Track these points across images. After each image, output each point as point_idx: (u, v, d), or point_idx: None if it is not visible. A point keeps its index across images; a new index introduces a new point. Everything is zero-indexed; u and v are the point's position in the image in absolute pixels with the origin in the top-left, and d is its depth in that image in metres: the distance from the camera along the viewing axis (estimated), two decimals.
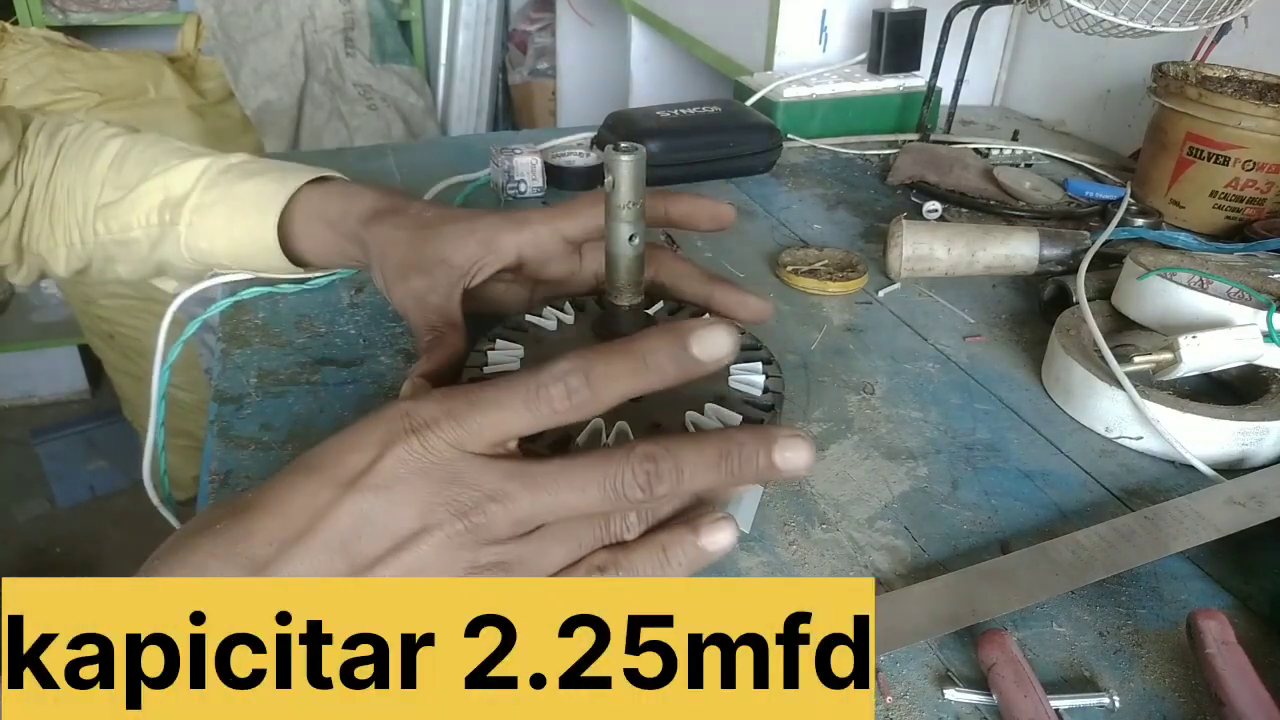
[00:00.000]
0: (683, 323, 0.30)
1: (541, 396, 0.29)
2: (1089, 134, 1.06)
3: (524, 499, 0.29)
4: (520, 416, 0.29)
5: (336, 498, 0.28)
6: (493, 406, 0.29)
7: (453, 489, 0.28)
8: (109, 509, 2.06)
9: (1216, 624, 0.36)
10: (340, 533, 0.28)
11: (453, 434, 0.29)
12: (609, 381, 0.29)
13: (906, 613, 0.37)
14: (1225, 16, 0.75)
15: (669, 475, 0.29)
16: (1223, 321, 0.50)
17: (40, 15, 2.00)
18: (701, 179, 0.85)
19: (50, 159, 0.59)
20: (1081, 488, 0.47)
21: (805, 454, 0.30)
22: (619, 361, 0.29)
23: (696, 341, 0.29)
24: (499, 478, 0.29)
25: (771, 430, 0.30)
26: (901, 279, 0.67)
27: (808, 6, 1.05)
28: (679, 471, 0.29)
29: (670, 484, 0.29)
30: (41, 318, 2.30)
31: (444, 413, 0.29)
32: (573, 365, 0.29)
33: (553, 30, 2.17)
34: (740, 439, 0.30)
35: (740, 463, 0.30)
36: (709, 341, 0.29)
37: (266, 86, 2.12)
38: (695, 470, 0.30)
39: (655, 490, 0.29)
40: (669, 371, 0.29)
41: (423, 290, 0.48)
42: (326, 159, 0.90)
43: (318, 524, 0.28)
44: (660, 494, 0.29)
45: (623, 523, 0.31)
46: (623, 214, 0.41)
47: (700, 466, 0.30)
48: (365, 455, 0.29)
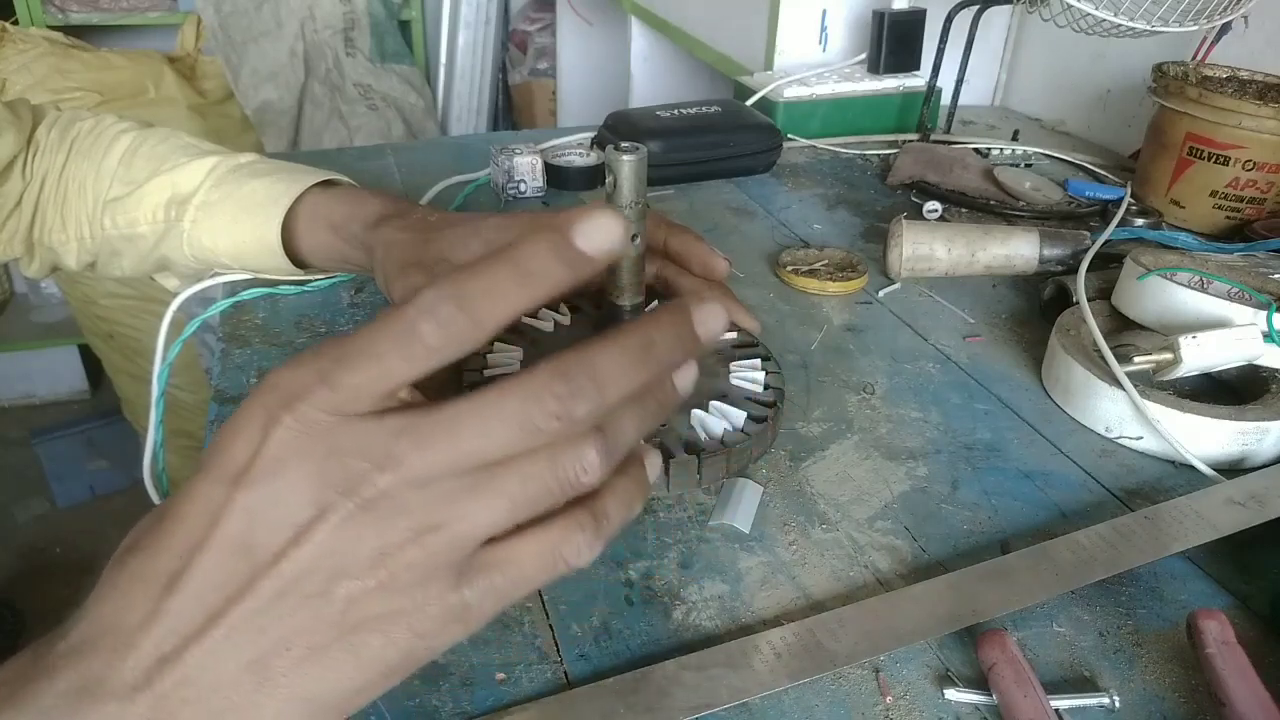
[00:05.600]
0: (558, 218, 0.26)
1: (413, 334, 0.25)
2: (1089, 134, 1.06)
3: (415, 458, 0.25)
4: (395, 363, 0.25)
5: (226, 496, 0.26)
6: (363, 358, 0.26)
7: (337, 464, 0.25)
8: (109, 509, 2.06)
9: (1216, 624, 0.36)
10: (234, 533, 0.26)
11: (327, 399, 0.25)
12: (487, 300, 0.25)
13: (906, 613, 0.37)
14: (1225, 16, 0.75)
15: (588, 389, 0.26)
16: (1223, 321, 0.50)
17: (40, 15, 2.00)
18: (701, 179, 0.85)
19: (62, 154, 0.59)
20: (1081, 488, 0.47)
21: (721, 316, 0.28)
22: (492, 272, 0.26)
23: (580, 232, 0.26)
24: (384, 439, 0.25)
25: (681, 303, 0.27)
26: (901, 279, 0.67)
27: (808, 6, 1.05)
28: (598, 382, 0.26)
29: (592, 399, 0.26)
30: (41, 318, 2.30)
31: (314, 377, 0.26)
32: (440, 291, 0.25)
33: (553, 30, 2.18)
34: (657, 321, 0.27)
35: (667, 349, 0.27)
36: (594, 230, 0.26)
37: (266, 86, 2.12)
38: (617, 373, 0.26)
39: (575, 411, 0.25)
40: (555, 272, 0.26)
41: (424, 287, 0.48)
42: (326, 159, 0.90)
43: (213, 528, 0.26)
44: (581, 415, 0.26)
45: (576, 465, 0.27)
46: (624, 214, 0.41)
47: (622, 366, 0.26)
48: (248, 443, 0.26)
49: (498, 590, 0.28)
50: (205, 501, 0.27)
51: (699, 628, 0.37)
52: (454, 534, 0.26)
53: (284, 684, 0.27)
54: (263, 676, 0.26)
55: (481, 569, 0.27)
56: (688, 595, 0.39)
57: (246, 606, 0.26)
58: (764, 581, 0.40)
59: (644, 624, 0.37)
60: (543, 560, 0.28)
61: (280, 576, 0.26)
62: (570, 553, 0.28)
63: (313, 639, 0.27)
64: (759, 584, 0.40)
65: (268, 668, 0.26)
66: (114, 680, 0.26)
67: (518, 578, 0.28)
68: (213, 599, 0.26)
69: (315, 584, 0.26)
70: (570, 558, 0.28)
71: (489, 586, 0.27)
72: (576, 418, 0.26)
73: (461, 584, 0.27)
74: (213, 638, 0.26)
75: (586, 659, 0.36)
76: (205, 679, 0.26)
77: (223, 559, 0.26)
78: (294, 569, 0.26)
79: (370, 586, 0.26)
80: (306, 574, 0.26)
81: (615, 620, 0.38)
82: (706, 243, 0.51)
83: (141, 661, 0.26)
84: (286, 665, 0.27)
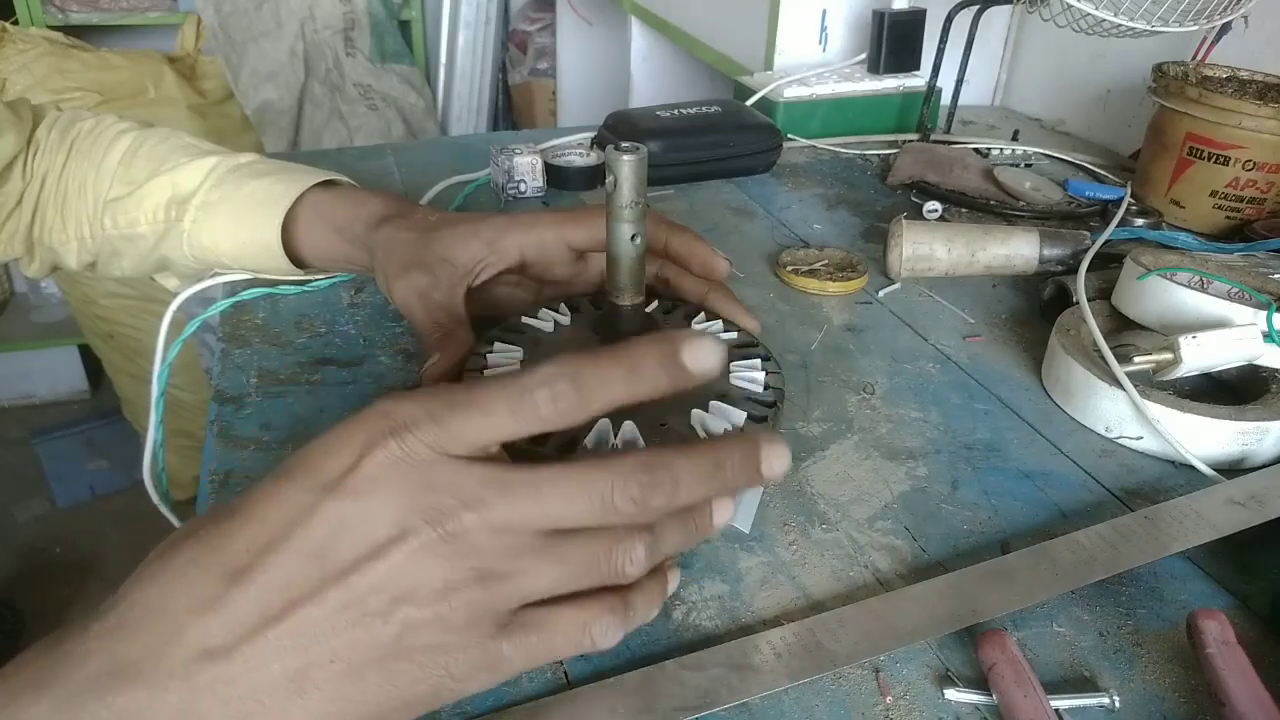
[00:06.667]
0: (674, 332, 0.30)
1: (526, 402, 0.28)
2: (1089, 134, 1.06)
3: (501, 507, 0.28)
4: (504, 421, 0.28)
5: (313, 503, 0.27)
6: (475, 410, 0.28)
7: (429, 495, 0.27)
8: (109, 509, 2.06)
9: (1216, 624, 0.36)
10: (315, 539, 0.27)
11: (432, 436, 0.27)
12: (597, 388, 0.28)
13: (906, 613, 0.37)
14: (1225, 16, 0.75)
15: (665, 485, 0.28)
16: (1223, 321, 0.50)
17: (40, 15, 2.00)
18: (701, 179, 0.85)
19: (62, 154, 0.59)
20: (1081, 488, 0.47)
21: (786, 460, 0.30)
22: (608, 368, 0.28)
23: (687, 352, 0.29)
24: (476, 483, 0.28)
25: (754, 439, 0.30)
26: (901, 279, 0.67)
27: (808, 6, 1.05)
28: (675, 482, 0.29)
29: (666, 495, 0.29)
30: (41, 318, 2.31)
31: (424, 414, 0.28)
32: (561, 371, 0.28)
33: (553, 30, 2.18)
34: (730, 449, 0.30)
35: (733, 472, 0.30)
36: (699, 353, 0.29)
37: (266, 86, 2.12)
38: (691, 481, 0.29)
39: (649, 503, 0.28)
40: (659, 380, 0.29)
41: (425, 287, 0.48)
42: (326, 159, 0.90)
43: (293, 530, 0.27)
44: (655, 506, 0.28)
45: (626, 557, 0.30)
46: (624, 214, 0.41)
47: (695, 477, 0.29)
48: (344, 459, 0.28)
49: (530, 649, 0.30)
50: (289, 504, 0.27)
51: (699, 628, 0.37)
52: (512, 585, 0.28)
53: (316, 697, 0.27)
54: (300, 686, 0.27)
55: (521, 626, 0.29)
56: (688, 595, 0.39)
57: (308, 613, 0.27)
58: (764, 581, 0.40)
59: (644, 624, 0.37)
60: (574, 631, 0.30)
61: (349, 589, 0.27)
62: (599, 631, 0.30)
63: (358, 656, 0.27)
64: (759, 584, 0.40)
65: (307, 678, 0.27)
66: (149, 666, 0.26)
67: (549, 642, 0.30)
68: (275, 599, 0.27)
69: (380, 602, 0.27)
70: (598, 636, 0.30)
71: (524, 644, 0.29)
72: (650, 507, 0.29)
73: (502, 635, 0.29)
74: (266, 638, 0.26)
75: (586, 659, 0.36)
76: (246, 679, 0.26)
77: (296, 562, 0.27)
78: (364, 584, 0.27)
79: (427, 617, 0.27)
80: (374, 591, 0.27)
81: None
82: (707, 243, 0.51)
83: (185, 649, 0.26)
84: (325, 678, 0.27)
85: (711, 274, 0.51)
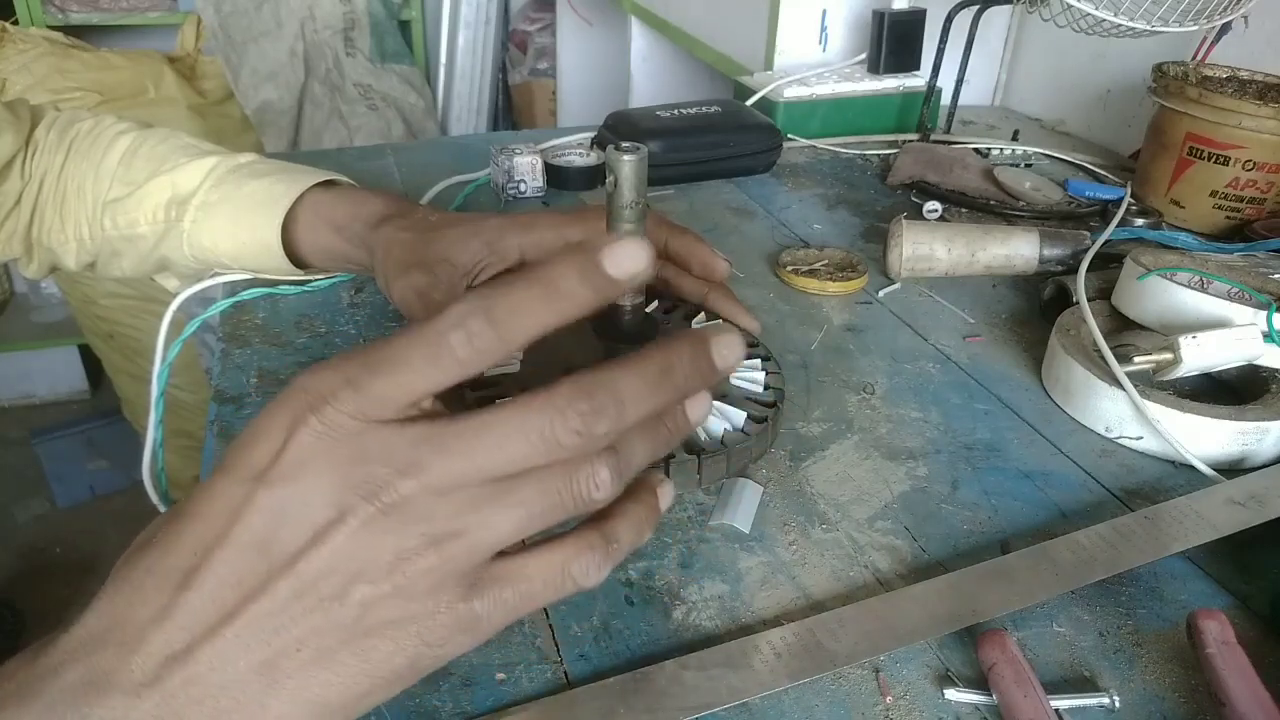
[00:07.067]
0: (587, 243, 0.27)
1: (443, 346, 0.26)
2: (1089, 134, 1.06)
3: (437, 465, 0.26)
4: (423, 372, 0.26)
5: (247, 495, 0.26)
6: (391, 366, 0.26)
7: (360, 468, 0.26)
8: (109, 509, 2.06)
9: (1216, 624, 0.36)
10: (254, 532, 0.26)
11: (354, 404, 0.26)
12: (514, 316, 0.26)
13: (906, 613, 0.37)
14: (1225, 16, 0.75)
15: (609, 409, 0.26)
16: (1223, 321, 0.50)
17: (40, 15, 2.00)
18: (701, 179, 0.85)
19: (61, 154, 0.59)
20: (1081, 488, 0.47)
21: (739, 348, 0.28)
22: (522, 290, 0.26)
23: (609, 257, 0.26)
24: (407, 446, 0.26)
25: (700, 332, 0.28)
26: (901, 279, 0.67)
27: (808, 6, 1.05)
28: (619, 403, 0.26)
29: (611, 420, 0.26)
30: (41, 318, 2.30)
31: (342, 381, 0.26)
32: (470, 306, 0.26)
33: (553, 30, 2.18)
34: (677, 348, 0.27)
35: (684, 375, 0.27)
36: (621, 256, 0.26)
37: (266, 86, 2.12)
38: (637, 397, 0.27)
39: (595, 429, 0.26)
40: (581, 294, 0.26)
41: (425, 286, 0.48)
42: (326, 159, 0.90)
43: (232, 525, 0.26)
44: (601, 433, 0.26)
45: (590, 482, 0.27)
46: (625, 214, 0.41)
47: (642, 390, 0.27)
48: (271, 444, 0.26)
49: (507, 604, 0.28)
50: (225, 499, 0.27)
51: (699, 628, 0.37)
52: (470, 542, 0.27)
53: (291, 686, 0.27)
54: (271, 678, 0.27)
55: (492, 581, 0.28)
56: (688, 595, 0.39)
57: (261, 606, 0.26)
58: (764, 581, 0.40)
59: (644, 624, 0.37)
60: (552, 576, 0.28)
61: (298, 577, 0.26)
62: (579, 571, 0.29)
63: (324, 641, 0.27)
64: (759, 584, 0.40)
65: (277, 669, 0.27)
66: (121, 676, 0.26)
67: (527, 592, 0.28)
68: (227, 597, 0.26)
69: (332, 586, 0.26)
70: (579, 577, 0.29)
71: (498, 599, 0.28)
72: (596, 434, 0.26)
73: (472, 595, 0.28)
74: (225, 636, 0.26)
75: (586, 659, 0.36)
76: (214, 678, 0.26)
77: (240, 557, 0.26)
78: (312, 570, 0.26)
79: (386, 591, 0.26)
80: (324, 575, 0.26)
81: (615, 620, 0.38)
82: (707, 244, 0.51)
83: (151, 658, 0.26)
84: (295, 667, 0.27)
85: (711, 275, 0.51)
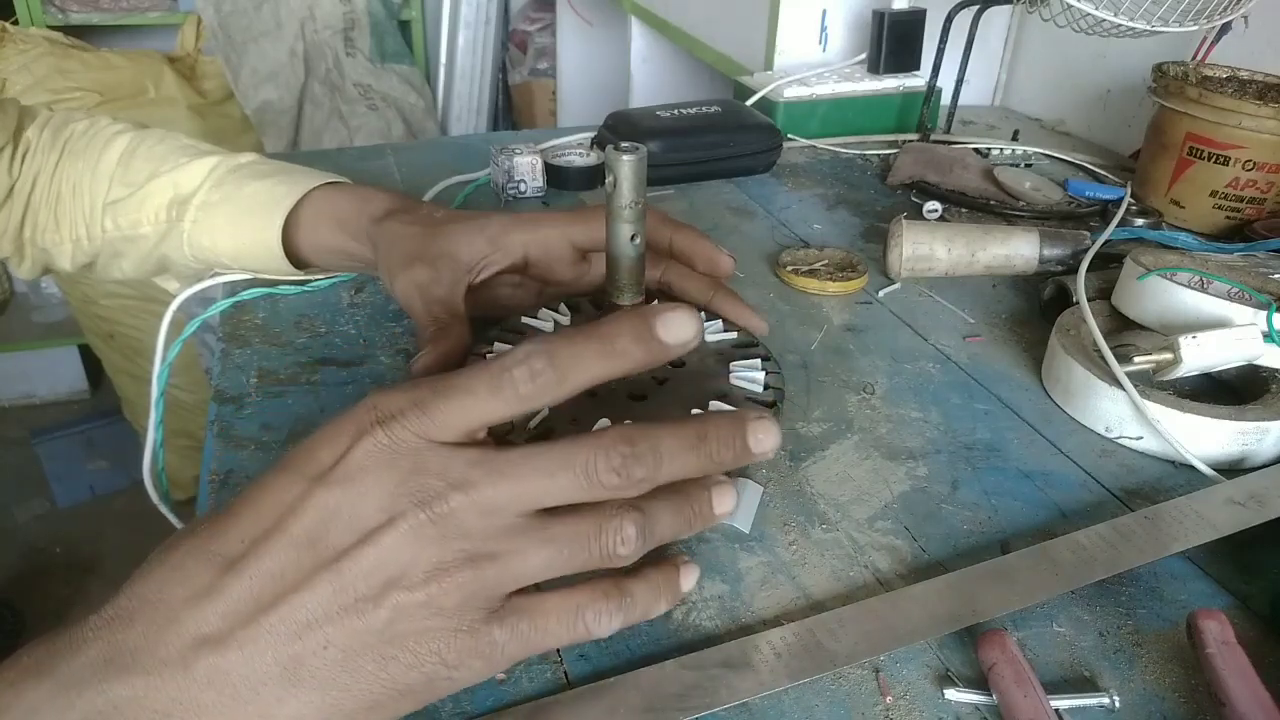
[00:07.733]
0: (650, 306, 0.30)
1: (505, 380, 0.28)
2: (1089, 134, 1.06)
3: (488, 486, 0.28)
4: (486, 402, 0.29)
5: (304, 492, 0.28)
6: (458, 393, 0.29)
7: (417, 479, 0.28)
8: (109, 509, 2.06)
9: (1216, 624, 0.36)
10: (306, 527, 0.28)
11: (419, 424, 0.28)
12: (574, 363, 0.29)
13: (906, 613, 0.37)
14: (1225, 16, 0.75)
15: (647, 458, 0.29)
16: (1223, 321, 0.50)
17: (40, 15, 2.00)
18: (701, 179, 0.85)
19: (54, 154, 0.59)
20: (1081, 488, 0.47)
21: (775, 437, 0.30)
22: (583, 343, 0.29)
23: (662, 324, 0.29)
24: (463, 465, 0.28)
25: (742, 414, 0.30)
26: (901, 279, 0.67)
27: (808, 6, 1.05)
28: (657, 454, 0.29)
29: (648, 468, 0.29)
30: (41, 318, 2.30)
31: (410, 403, 0.29)
32: (536, 348, 0.29)
33: (553, 30, 2.17)
34: (716, 422, 0.30)
35: (718, 446, 0.30)
36: (674, 325, 0.29)
37: (266, 86, 2.12)
38: (673, 454, 0.29)
39: (632, 474, 0.28)
40: (634, 354, 0.29)
41: (426, 281, 0.48)
42: (326, 159, 0.90)
43: (285, 519, 0.28)
44: (638, 478, 0.29)
45: (616, 536, 0.29)
46: (624, 214, 0.41)
47: (678, 450, 0.29)
48: (334, 450, 0.28)
49: (523, 635, 0.30)
50: (281, 494, 0.28)
51: (699, 628, 0.37)
52: (501, 567, 0.29)
53: (310, 684, 0.27)
54: (294, 674, 0.27)
55: (512, 612, 0.30)
56: (687, 595, 0.39)
57: (300, 599, 0.27)
58: (764, 581, 0.40)
59: (644, 624, 0.37)
60: (567, 617, 0.30)
61: (339, 574, 0.27)
62: (591, 617, 0.31)
63: (351, 643, 0.28)
64: (759, 584, 0.40)
65: (301, 665, 0.27)
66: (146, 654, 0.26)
67: (543, 629, 0.30)
68: (268, 587, 0.27)
69: (370, 586, 0.27)
70: (591, 622, 0.31)
71: (515, 629, 0.30)
72: (634, 477, 0.29)
73: (493, 620, 0.29)
74: (260, 625, 0.27)
75: (586, 659, 0.36)
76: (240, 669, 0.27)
77: (287, 550, 0.27)
78: (354, 569, 0.27)
79: (419, 600, 0.28)
80: (364, 576, 0.27)
81: None
82: (712, 240, 0.51)
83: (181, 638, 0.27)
84: (318, 665, 0.27)
85: (716, 271, 0.51)
